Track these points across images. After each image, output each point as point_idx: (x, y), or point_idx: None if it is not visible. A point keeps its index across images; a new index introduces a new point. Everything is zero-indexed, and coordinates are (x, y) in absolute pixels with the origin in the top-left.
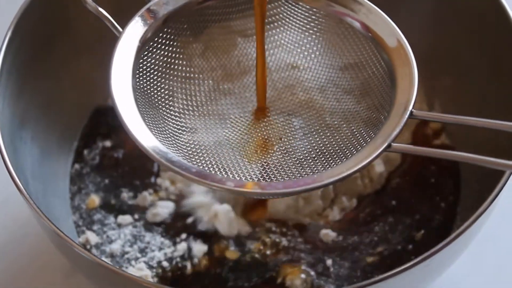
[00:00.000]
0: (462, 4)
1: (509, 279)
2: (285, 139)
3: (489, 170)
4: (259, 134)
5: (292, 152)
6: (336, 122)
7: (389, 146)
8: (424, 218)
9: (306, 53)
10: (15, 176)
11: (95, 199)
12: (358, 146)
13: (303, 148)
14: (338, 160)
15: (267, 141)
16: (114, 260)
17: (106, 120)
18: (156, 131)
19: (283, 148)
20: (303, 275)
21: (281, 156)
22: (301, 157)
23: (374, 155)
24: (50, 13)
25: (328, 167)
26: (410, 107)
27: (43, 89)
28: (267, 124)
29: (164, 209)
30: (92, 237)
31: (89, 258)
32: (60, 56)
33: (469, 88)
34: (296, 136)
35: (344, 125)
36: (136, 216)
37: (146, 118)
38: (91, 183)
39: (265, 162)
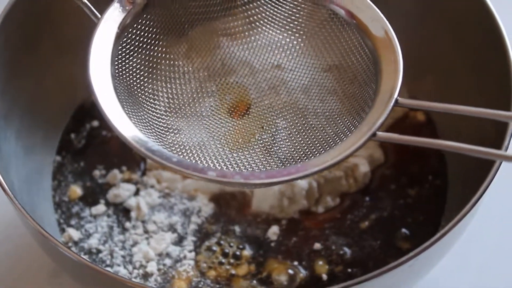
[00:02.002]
0: (445, 4)
1: (492, 279)
2: (268, 135)
3: (474, 170)
4: (242, 127)
5: (276, 152)
6: (317, 113)
7: (374, 134)
8: (409, 218)
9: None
10: (0, 176)
11: (75, 189)
12: (343, 136)
13: (286, 148)
14: (321, 150)
15: (249, 131)
16: (97, 256)
17: (89, 118)
18: (135, 119)
19: (267, 147)
20: (290, 271)
21: (264, 155)
22: (287, 153)
23: (359, 144)
24: (34, 13)
25: (311, 156)
26: (395, 95)
27: (26, 88)
28: (250, 121)
29: (125, 191)
30: (74, 233)
31: (73, 258)
32: (43, 55)
33: (452, 87)
34: (279, 136)
35: (327, 115)
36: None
37: (125, 106)
38: (70, 173)
39: (248, 155)
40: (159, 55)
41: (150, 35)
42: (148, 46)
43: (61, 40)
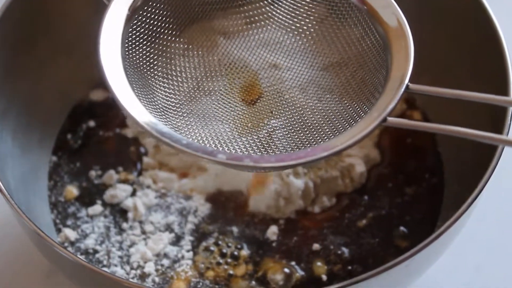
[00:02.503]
0: (442, 4)
1: (488, 279)
2: (277, 120)
3: (470, 168)
4: (251, 112)
5: (285, 137)
6: (327, 97)
7: (384, 119)
8: (407, 217)
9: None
10: None
11: (71, 190)
12: (352, 121)
13: (296, 133)
14: (330, 135)
15: (259, 116)
16: (93, 256)
17: (85, 118)
18: (145, 101)
19: (276, 131)
20: (286, 270)
21: (272, 140)
22: (296, 138)
23: (369, 129)
24: (30, 13)
25: (320, 142)
26: (406, 80)
27: (23, 88)
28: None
29: (122, 192)
30: (70, 234)
31: (69, 258)
32: (40, 55)
33: (449, 86)
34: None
35: (337, 100)
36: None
37: (135, 88)
38: (66, 173)
39: (257, 140)
40: (171, 38)
41: (161, 17)
42: (159, 29)
43: (58, 40)
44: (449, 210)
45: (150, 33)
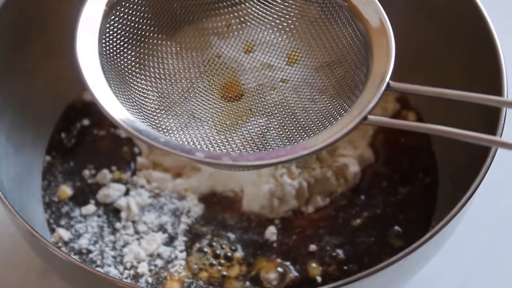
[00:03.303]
0: (436, 3)
1: (482, 279)
2: (256, 118)
3: (464, 168)
4: (230, 109)
5: (264, 134)
6: (307, 95)
7: (365, 118)
8: (402, 216)
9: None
10: None
11: (65, 189)
12: (332, 119)
13: (275, 131)
14: (310, 133)
15: (237, 113)
16: (87, 256)
17: (79, 117)
18: (122, 98)
19: (255, 129)
20: (280, 269)
21: (251, 138)
22: (275, 136)
23: (350, 127)
24: (24, 13)
25: (300, 140)
26: (387, 78)
27: (16, 88)
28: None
29: (115, 191)
30: (64, 234)
31: (63, 258)
32: (33, 55)
33: (443, 85)
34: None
35: (317, 98)
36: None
37: (112, 85)
38: (60, 173)
39: (236, 138)
40: (149, 34)
41: (139, 13)
42: (137, 26)
43: (51, 40)
44: (443, 210)
45: (128, 29)
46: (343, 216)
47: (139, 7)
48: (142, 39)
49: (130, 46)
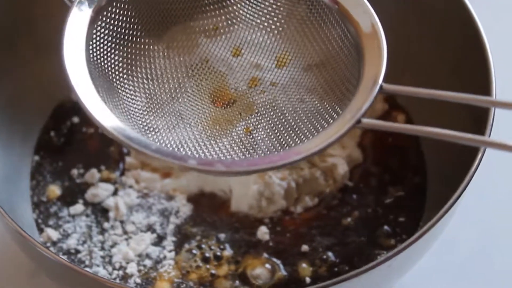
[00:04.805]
0: (425, 4)
1: (471, 279)
2: (247, 122)
3: (453, 167)
4: (219, 115)
5: (255, 140)
6: (298, 99)
7: (358, 121)
8: (391, 216)
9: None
10: None
11: (54, 189)
12: (325, 123)
13: (267, 136)
14: (303, 138)
15: (227, 118)
16: (75, 256)
17: (69, 116)
18: (111, 105)
19: (247, 134)
20: (268, 265)
21: (243, 143)
22: (267, 141)
23: (343, 131)
24: (13, 13)
25: (292, 145)
26: (380, 81)
27: (5, 87)
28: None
29: (104, 191)
30: (52, 233)
31: (52, 258)
32: (22, 54)
33: (431, 86)
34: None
35: (308, 101)
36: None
37: (100, 91)
38: (49, 173)
39: (227, 143)
40: (136, 39)
41: (125, 18)
42: (125, 31)
43: (40, 40)
44: (432, 210)
45: (115, 34)
46: (334, 215)
47: (125, 11)
48: (129, 43)
49: (116, 52)
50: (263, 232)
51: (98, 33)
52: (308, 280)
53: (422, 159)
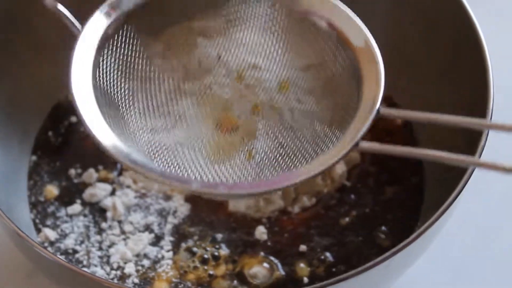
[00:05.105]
0: (419, 6)
1: (468, 280)
2: (249, 146)
3: (450, 170)
4: (222, 139)
5: (257, 163)
6: (299, 122)
7: (356, 145)
8: (389, 216)
9: (267, 53)
10: None
11: (51, 189)
12: (324, 146)
13: (267, 158)
14: (302, 161)
15: (231, 143)
16: (73, 257)
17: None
18: (118, 131)
19: (249, 159)
20: (266, 264)
21: (245, 166)
22: (267, 163)
23: (342, 153)
24: (11, 13)
25: (292, 167)
26: (377, 105)
27: (2, 88)
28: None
29: (102, 191)
30: (50, 234)
31: (49, 258)
32: (20, 55)
33: (425, 89)
34: (258, 138)
35: (308, 125)
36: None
37: (107, 117)
38: (46, 173)
39: (228, 163)
40: (137, 60)
41: (129, 40)
42: (128, 52)
43: (38, 40)
44: (429, 210)
45: (120, 62)
46: (332, 215)
47: (130, 40)
48: (134, 71)
49: (122, 79)
50: (261, 232)
51: (105, 61)
52: (306, 280)
53: (420, 159)
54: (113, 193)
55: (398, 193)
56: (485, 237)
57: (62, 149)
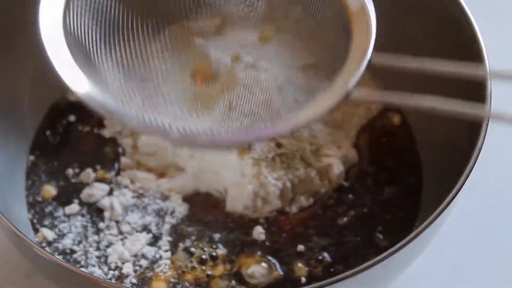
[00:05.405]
0: (420, 3)
1: (466, 279)
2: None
3: (449, 168)
4: (199, 86)
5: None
6: (283, 75)
7: (348, 94)
8: (387, 216)
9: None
10: None
11: (49, 189)
12: (311, 97)
13: (246, 101)
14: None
15: (209, 96)
16: (71, 257)
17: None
18: (91, 79)
19: (225, 100)
20: (264, 264)
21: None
22: (245, 109)
23: (332, 103)
24: (7, 13)
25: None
26: (369, 53)
27: (1, 88)
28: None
29: (99, 191)
30: (48, 233)
31: (47, 258)
32: (18, 54)
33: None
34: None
35: (294, 77)
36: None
37: (78, 62)
38: (44, 172)
39: (207, 115)
40: (109, 2)
41: None
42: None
43: (35, 39)
44: (427, 210)
45: (91, 4)
46: (330, 215)
47: None
48: (107, 16)
49: (95, 25)
50: (258, 232)
51: (75, 6)
52: (303, 280)
53: (418, 159)
54: (110, 193)
55: (396, 193)
56: (482, 237)
57: (60, 149)
